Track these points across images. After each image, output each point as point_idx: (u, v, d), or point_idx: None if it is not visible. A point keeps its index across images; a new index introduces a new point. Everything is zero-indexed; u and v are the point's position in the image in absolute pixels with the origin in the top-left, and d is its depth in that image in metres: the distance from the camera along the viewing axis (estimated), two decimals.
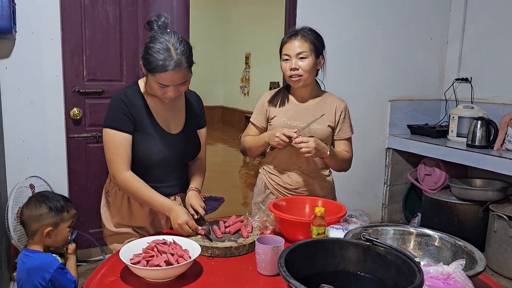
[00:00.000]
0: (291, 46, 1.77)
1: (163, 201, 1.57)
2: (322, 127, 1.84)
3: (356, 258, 1.07)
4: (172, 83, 1.48)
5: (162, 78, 1.46)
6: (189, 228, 1.51)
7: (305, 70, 1.76)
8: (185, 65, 1.47)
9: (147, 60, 1.47)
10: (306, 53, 1.76)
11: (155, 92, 1.54)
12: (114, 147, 1.55)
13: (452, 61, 3.79)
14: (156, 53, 1.44)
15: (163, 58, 1.44)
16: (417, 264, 0.94)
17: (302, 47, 1.76)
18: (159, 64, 1.44)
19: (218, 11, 9.94)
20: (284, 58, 1.80)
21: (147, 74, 1.51)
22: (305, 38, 1.76)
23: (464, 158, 3.07)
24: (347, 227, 1.45)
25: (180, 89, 1.54)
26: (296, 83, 1.80)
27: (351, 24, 3.41)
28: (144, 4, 2.90)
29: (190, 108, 1.74)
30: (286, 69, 1.79)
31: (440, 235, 1.32)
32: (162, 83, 1.48)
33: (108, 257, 1.42)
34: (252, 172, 6.26)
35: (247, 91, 9.41)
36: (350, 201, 3.53)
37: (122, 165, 1.55)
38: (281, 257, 0.99)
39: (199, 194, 1.70)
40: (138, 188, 1.57)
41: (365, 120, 3.56)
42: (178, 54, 1.45)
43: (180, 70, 1.46)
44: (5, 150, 2.58)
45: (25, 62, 2.57)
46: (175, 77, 1.47)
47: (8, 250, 2.48)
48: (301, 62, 1.76)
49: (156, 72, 1.46)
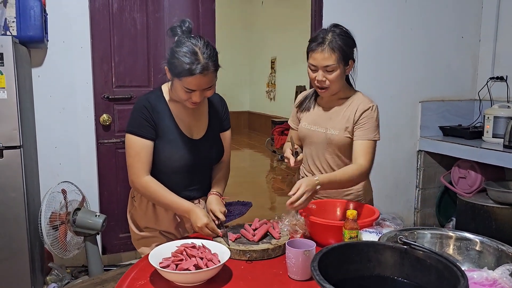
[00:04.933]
0: (318, 57, 1.63)
1: (182, 203, 1.56)
2: (338, 132, 1.73)
3: (392, 262, 1.02)
4: (198, 88, 1.47)
5: (189, 82, 1.45)
6: (209, 230, 1.49)
7: (332, 82, 1.67)
8: (212, 68, 1.45)
9: (173, 64, 1.45)
10: (334, 66, 1.63)
11: (180, 97, 1.52)
12: (135, 153, 1.55)
13: (486, 60, 3.66)
14: (183, 56, 1.43)
15: (190, 62, 1.42)
16: (460, 269, 0.89)
17: (329, 59, 1.62)
18: (186, 68, 1.42)
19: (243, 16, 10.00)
20: (311, 68, 1.69)
21: (173, 78, 1.50)
22: (333, 48, 1.61)
23: (501, 159, 2.94)
24: (380, 231, 1.39)
25: (206, 94, 1.52)
26: (323, 94, 1.74)
27: (378, 24, 3.34)
28: (170, 10, 2.93)
29: (213, 112, 1.72)
30: (312, 79, 1.70)
31: (482, 239, 1.25)
32: (189, 88, 1.46)
33: (138, 261, 1.42)
34: (280, 176, 6.22)
35: (273, 96, 9.40)
36: (381, 205, 3.38)
37: (142, 171, 1.55)
38: (314, 260, 0.95)
39: (220, 199, 1.67)
40: (157, 191, 1.56)
41: (395, 122, 3.48)
42: (205, 58, 1.43)
43: (207, 74, 1.45)
44: (38, 156, 2.65)
45: (57, 70, 2.64)
46: (202, 81, 1.45)
47: (41, 255, 2.53)
48: (329, 74, 1.65)
49: (182, 76, 1.44)
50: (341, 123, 1.73)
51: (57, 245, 2.39)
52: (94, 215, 2.46)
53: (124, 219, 1.86)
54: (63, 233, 2.42)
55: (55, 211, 2.42)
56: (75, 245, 2.54)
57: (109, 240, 2.94)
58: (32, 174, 2.46)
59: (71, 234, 2.49)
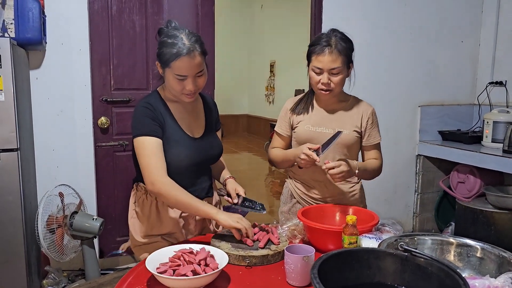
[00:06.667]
0: (324, 60, 1.65)
1: (205, 204, 1.53)
2: (348, 132, 1.77)
3: (393, 270, 1.01)
4: (188, 72, 1.48)
5: (178, 66, 1.47)
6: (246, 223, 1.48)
7: (337, 84, 1.69)
8: (198, 50, 1.48)
9: (162, 54, 1.49)
10: (340, 68, 1.66)
11: (174, 88, 1.53)
12: (151, 153, 1.51)
13: (485, 64, 3.66)
14: (169, 44, 1.47)
15: (176, 46, 1.46)
16: (462, 277, 0.87)
17: (336, 62, 1.65)
18: (173, 52, 1.46)
19: (242, 20, 9.99)
20: (315, 71, 1.69)
21: (164, 71, 1.52)
22: (339, 51, 1.65)
23: (500, 164, 2.94)
24: (380, 236, 1.38)
25: (198, 82, 1.53)
26: (326, 96, 1.74)
27: (378, 28, 3.34)
28: (169, 13, 2.92)
29: (209, 111, 1.75)
30: (316, 81, 1.70)
31: (482, 245, 1.24)
32: (179, 74, 1.48)
33: (135, 265, 1.40)
34: (278, 180, 6.20)
35: (272, 99, 9.38)
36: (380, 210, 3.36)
37: (162, 170, 1.50)
38: (314, 267, 0.94)
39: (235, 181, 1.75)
40: (180, 194, 1.50)
41: (394, 126, 3.47)
42: (191, 41, 1.48)
43: (195, 57, 1.47)
44: (36, 159, 2.63)
45: (55, 73, 2.62)
46: (191, 64, 1.47)
47: (38, 258, 2.51)
48: (334, 77, 1.68)
49: (171, 61, 1.47)
50: (349, 123, 1.78)
51: (54, 249, 2.37)
52: (92, 219, 2.44)
53: (121, 222, 1.84)
54: (60, 236, 2.40)
55: (52, 214, 2.40)
56: (72, 249, 2.52)
57: (107, 243, 2.91)
58: (29, 177, 2.44)
59: (68, 238, 2.47)
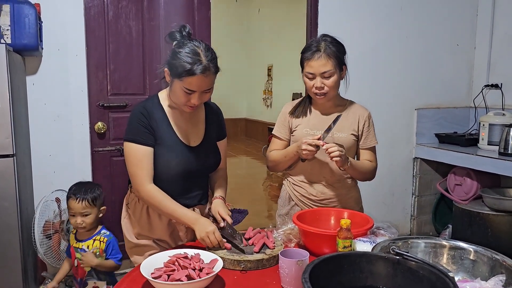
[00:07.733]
0: (315, 65, 1.69)
1: (187, 213, 1.56)
2: (345, 135, 1.79)
3: (385, 273, 1.01)
4: (198, 88, 1.48)
5: (190, 82, 1.46)
6: (215, 238, 1.48)
7: (330, 87, 1.72)
8: (212, 70, 1.48)
9: (175, 65, 1.47)
10: (331, 71, 1.69)
11: (179, 99, 1.52)
12: (137, 160, 1.55)
13: (481, 67, 3.68)
14: (185, 57, 1.45)
15: (192, 62, 1.44)
16: (452, 280, 0.88)
17: (326, 65, 1.68)
18: (188, 68, 1.44)
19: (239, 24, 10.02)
20: (308, 76, 1.74)
21: (173, 80, 1.51)
22: (328, 54, 1.68)
23: (496, 166, 2.95)
24: (374, 240, 1.39)
25: (203, 97, 1.53)
26: (321, 100, 1.77)
27: (374, 31, 3.35)
28: (166, 18, 2.93)
29: (210, 120, 1.73)
30: (310, 86, 1.74)
31: (476, 248, 1.24)
32: (189, 88, 1.47)
33: (130, 270, 1.40)
34: (276, 184, 6.20)
35: (269, 103, 9.40)
36: (377, 213, 3.42)
37: (146, 178, 1.55)
38: (305, 272, 0.95)
39: (224, 203, 1.68)
40: (162, 201, 1.55)
41: (391, 129, 3.48)
42: (207, 59, 1.46)
43: (208, 75, 1.47)
44: (32, 165, 2.63)
45: (51, 78, 2.63)
46: (202, 82, 1.47)
47: (34, 264, 2.51)
48: (327, 80, 1.71)
49: (184, 76, 1.45)
50: (346, 126, 1.80)
51: (50, 254, 2.37)
52: None
53: (118, 228, 1.84)
54: (56, 242, 2.40)
55: (48, 219, 2.40)
56: None
57: None
58: (26, 182, 2.44)
59: (65, 243, 2.46)
